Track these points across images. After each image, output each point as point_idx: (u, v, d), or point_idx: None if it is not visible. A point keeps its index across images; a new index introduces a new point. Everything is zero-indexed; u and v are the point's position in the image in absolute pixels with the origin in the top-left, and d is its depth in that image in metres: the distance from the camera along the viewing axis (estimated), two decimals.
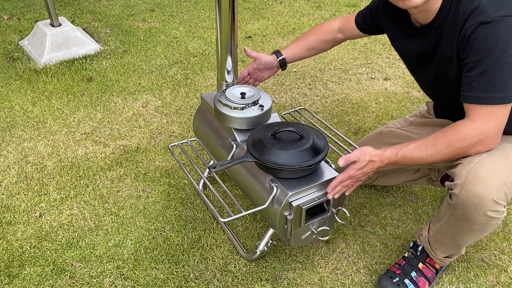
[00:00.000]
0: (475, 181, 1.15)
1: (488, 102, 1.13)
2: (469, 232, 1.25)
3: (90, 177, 1.93)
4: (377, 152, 1.26)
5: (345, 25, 1.65)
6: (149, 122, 2.30)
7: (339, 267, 1.56)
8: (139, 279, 1.50)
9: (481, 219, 1.18)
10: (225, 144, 1.56)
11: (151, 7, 3.73)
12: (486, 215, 1.16)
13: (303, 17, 3.60)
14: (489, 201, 1.14)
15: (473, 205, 1.16)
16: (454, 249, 1.37)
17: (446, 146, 1.19)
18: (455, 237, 1.31)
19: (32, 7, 3.68)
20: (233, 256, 1.59)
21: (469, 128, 1.17)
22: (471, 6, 1.13)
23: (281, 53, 1.68)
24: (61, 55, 2.88)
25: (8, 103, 2.42)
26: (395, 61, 2.94)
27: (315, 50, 1.72)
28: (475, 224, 1.21)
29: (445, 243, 1.37)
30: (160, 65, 2.85)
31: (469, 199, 1.17)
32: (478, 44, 1.12)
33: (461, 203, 1.19)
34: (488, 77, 1.12)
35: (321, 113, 2.40)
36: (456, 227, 1.28)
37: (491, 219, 1.17)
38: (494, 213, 1.16)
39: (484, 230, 1.23)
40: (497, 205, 1.15)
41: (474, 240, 1.31)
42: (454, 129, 1.19)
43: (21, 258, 1.57)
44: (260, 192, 1.37)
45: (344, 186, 1.30)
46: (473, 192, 1.15)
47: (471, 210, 1.17)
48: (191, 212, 1.77)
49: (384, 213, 1.78)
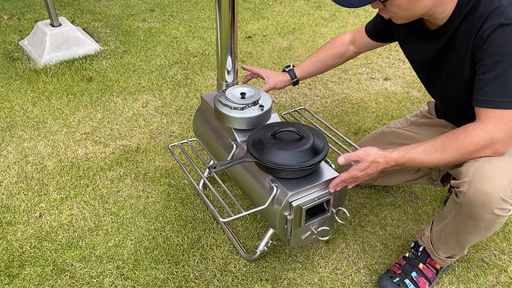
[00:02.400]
0: (482, 179, 1.15)
1: (500, 106, 1.11)
2: (474, 230, 1.25)
3: (90, 177, 1.93)
4: (382, 153, 1.23)
5: (356, 35, 1.63)
6: (149, 122, 2.30)
7: (339, 267, 1.56)
8: (139, 279, 1.50)
9: (488, 217, 1.17)
10: (225, 144, 1.56)
11: (151, 7, 3.73)
12: (493, 213, 1.16)
13: (303, 17, 3.60)
14: (497, 199, 1.14)
15: (481, 203, 1.16)
16: (457, 249, 1.37)
17: (457, 150, 1.17)
18: (459, 236, 1.31)
19: (32, 7, 3.68)
20: (233, 256, 1.59)
21: (480, 131, 1.14)
22: (491, 6, 1.10)
23: (294, 73, 1.67)
24: (61, 55, 2.88)
25: (8, 103, 2.42)
26: (395, 61, 2.94)
27: (328, 66, 1.71)
28: (481, 223, 1.20)
29: (449, 242, 1.36)
30: (160, 65, 2.85)
31: (476, 197, 1.16)
32: (495, 47, 1.08)
33: (468, 201, 1.19)
34: (503, 81, 1.09)
35: (321, 113, 2.40)
36: (461, 226, 1.27)
37: (497, 217, 1.17)
38: (501, 211, 1.15)
39: (489, 228, 1.23)
40: (504, 203, 1.15)
41: (478, 239, 1.31)
42: (465, 132, 1.17)
43: (21, 258, 1.57)
44: (260, 192, 1.37)
45: (346, 183, 1.31)
46: (480, 190, 1.15)
47: (478, 208, 1.17)
48: (191, 212, 1.77)
49: (384, 213, 1.78)
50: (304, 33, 3.33)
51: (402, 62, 2.92)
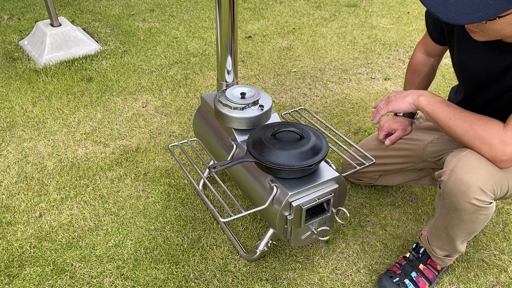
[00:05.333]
0: (464, 169, 1.17)
1: None
2: (459, 223, 1.25)
3: (90, 177, 1.93)
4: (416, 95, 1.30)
5: (425, 45, 1.59)
6: (149, 122, 2.30)
7: (339, 267, 1.56)
8: (139, 279, 1.50)
9: (468, 207, 1.18)
10: (225, 144, 1.56)
11: (151, 7, 3.73)
12: (471, 203, 1.16)
13: (303, 17, 3.60)
14: (475, 189, 1.15)
15: (461, 192, 1.17)
16: (449, 244, 1.37)
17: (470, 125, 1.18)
18: (448, 230, 1.31)
19: (32, 7, 3.68)
20: (233, 256, 1.59)
21: (499, 130, 1.14)
22: None
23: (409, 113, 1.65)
24: (61, 55, 2.88)
25: (8, 103, 2.42)
26: (395, 61, 2.94)
27: (428, 86, 1.69)
28: (463, 214, 1.21)
29: (440, 237, 1.37)
30: (160, 65, 2.85)
31: (456, 186, 1.18)
32: None
33: (448, 190, 1.20)
34: None
35: (321, 113, 2.40)
36: (447, 219, 1.28)
37: (478, 209, 1.18)
38: (480, 202, 1.16)
39: (473, 221, 1.23)
40: (483, 194, 1.15)
41: (465, 232, 1.30)
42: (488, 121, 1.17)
43: (21, 258, 1.57)
44: (260, 192, 1.37)
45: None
46: (461, 179, 1.17)
47: (458, 198, 1.18)
48: (191, 212, 1.77)
49: (384, 213, 1.78)
50: (304, 33, 3.33)
51: (402, 62, 2.93)
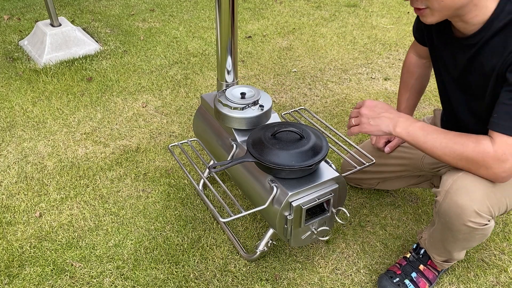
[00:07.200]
0: (459, 191, 1.13)
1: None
2: (455, 241, 1.25)
3: (90, 177, 1.93)
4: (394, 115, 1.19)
5: (415, 47, 1.55)
6: (149, 122, 2.30)
7: (339, 267, 1.56)
8: (139, 279, 1.50)
9: (463, 229, 1.17)
10: (225, 144, 1.56)
11: (151, 7, 3.73)
12: (467, 225, 1.15)
13: (303, 17, 3.60)
14: (471, 212, 1.12)
15: (455, 214, 1.15)
16: (446, 255, 1.37)
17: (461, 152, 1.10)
18: (444, 243, 1.31)
19: (32, 7, 3.68)
20: (233, 256, 1.59)
21: (489, 149, 1.06)
22: None
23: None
24: (61, 55, 2.88)
25: (8, 103, 2.42)
26: (395, 61, 2.94)
27: (421, 90, 1.63)
28: (458, 233, 1.20)
29: (437, 247, 1.37)
30: (160, 65, 2.85)
31: (450, 208, 1.16)
32: None
33: (443, 211, 1.19)
34: None
35: (321, 113, 2.40)
36: (443, 234, 1.27)
37: (474, 230, 1.16)
38: (475, 224, 1.14)
39: (469, 240, 1.21)
40: (479, 216, 1.13)
41: (462, 248, 1.30)
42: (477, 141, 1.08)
43: (21, 258, 1.57)
44: (260, 192, 1.37)
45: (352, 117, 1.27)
46: (455, 201, 1.14)
47: (453, 220, 1.17)
48: (191, 212, 1.77)
49: (384, 213, 1.77)
50: (304, 33, 3.33)
51: (402, 62, 2.92)
